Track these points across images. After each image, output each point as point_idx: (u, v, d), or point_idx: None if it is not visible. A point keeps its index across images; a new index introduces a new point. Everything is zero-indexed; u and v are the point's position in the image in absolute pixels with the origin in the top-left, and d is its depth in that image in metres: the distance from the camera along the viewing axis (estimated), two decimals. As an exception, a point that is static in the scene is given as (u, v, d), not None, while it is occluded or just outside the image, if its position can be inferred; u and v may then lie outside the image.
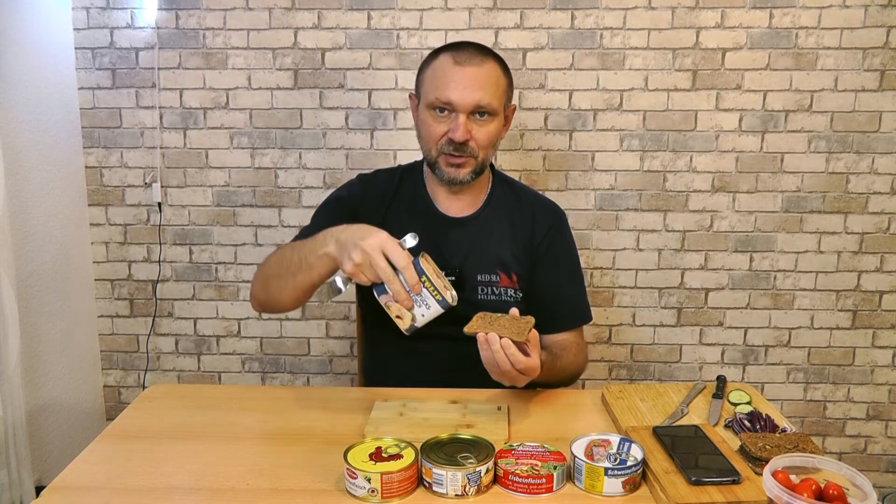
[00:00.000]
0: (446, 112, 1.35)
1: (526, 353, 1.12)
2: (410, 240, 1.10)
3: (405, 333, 1.14)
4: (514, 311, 1.17)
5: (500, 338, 1.10)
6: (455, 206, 1.47)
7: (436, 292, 1.09)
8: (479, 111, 1.35)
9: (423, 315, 1.11)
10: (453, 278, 1.40)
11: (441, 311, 1.11)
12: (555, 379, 1.36)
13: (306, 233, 1.35)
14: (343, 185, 1.55)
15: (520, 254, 1.45)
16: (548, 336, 1.46)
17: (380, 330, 1.41)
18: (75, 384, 2.26)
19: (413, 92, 1.47)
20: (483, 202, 1.48)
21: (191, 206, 2.30)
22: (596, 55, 2.17)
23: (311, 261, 1.18)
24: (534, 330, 1.15)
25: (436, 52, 1.41)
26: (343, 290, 1.12)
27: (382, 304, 1.12)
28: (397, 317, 1.12)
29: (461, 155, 1.36)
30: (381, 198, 1.47)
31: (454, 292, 1.11)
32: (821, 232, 2.24)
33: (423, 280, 1.09)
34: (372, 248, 1.07)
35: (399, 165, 1.57)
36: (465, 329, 1.13)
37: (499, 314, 1.16)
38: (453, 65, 1.35)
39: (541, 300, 1.45)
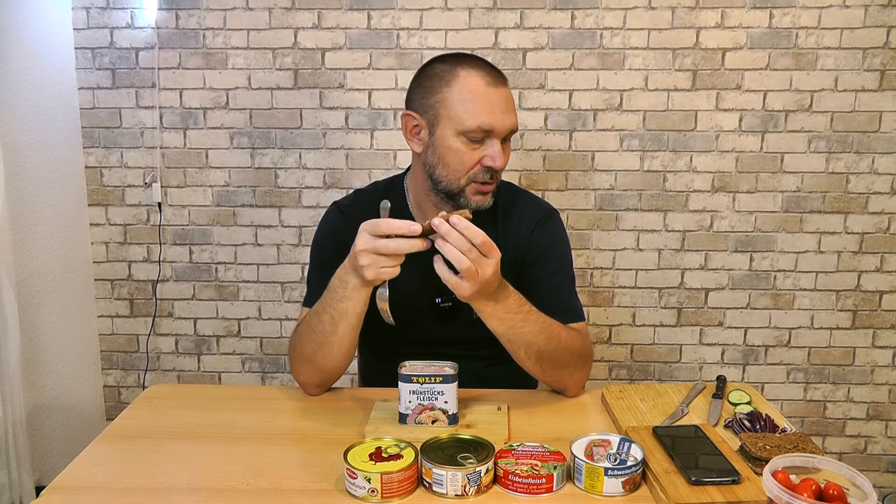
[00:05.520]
0: (481, 139, 1.25)
1: None
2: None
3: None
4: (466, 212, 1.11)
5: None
6: None
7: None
8: (509, 134, 1.28)
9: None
10: (450, 304, 1.36)
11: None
12: (551, 345, 1.22)
13: (311, 295, 1.33)
14: (321, 223, 1.44)
15: (508, 264, 1.40)
16: None
17: (377, 331, 1.40)
18: (75, 384, 2.26)
19: (408, 110, 1.31)
20: None
21: (191, 206, 2.30)
22: (596, 55, 2.16)
23: (343, 307, 1.18)
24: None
25: (451, 69, 1.26)
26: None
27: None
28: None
29: (492, 182, 1.29)
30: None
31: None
32: (821, 232, 2.24)
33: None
34: (364, 244, 1.09)
35: (376, 184, 1.48)
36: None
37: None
38: (486, 86, 1.24)
39: (526, 294, 1.40)
